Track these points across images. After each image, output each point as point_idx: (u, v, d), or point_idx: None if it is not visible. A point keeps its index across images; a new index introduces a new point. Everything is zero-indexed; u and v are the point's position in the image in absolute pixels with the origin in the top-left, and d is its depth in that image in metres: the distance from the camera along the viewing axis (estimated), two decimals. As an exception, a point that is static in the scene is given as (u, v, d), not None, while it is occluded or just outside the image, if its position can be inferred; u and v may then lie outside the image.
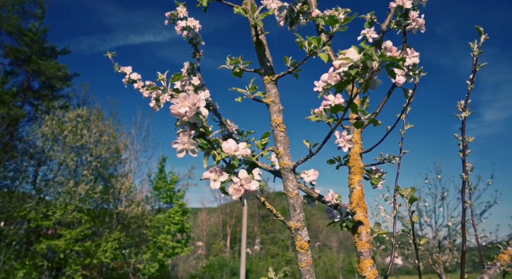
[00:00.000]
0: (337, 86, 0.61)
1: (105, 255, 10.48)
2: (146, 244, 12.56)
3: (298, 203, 0.72)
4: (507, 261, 0.89)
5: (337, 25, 0.65)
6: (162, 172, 14.04)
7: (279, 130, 0.73)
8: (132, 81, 1.94)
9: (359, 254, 0.84)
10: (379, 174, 0.96)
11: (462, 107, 0.82)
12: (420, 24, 0.93)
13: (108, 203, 11.94)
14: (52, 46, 15.23)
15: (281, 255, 24.68)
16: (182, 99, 0.60)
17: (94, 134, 11.61)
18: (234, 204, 26.79)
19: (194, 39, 1.60)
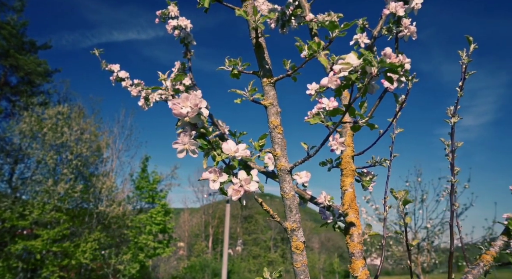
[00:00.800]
0: (336, 90, 0.62)
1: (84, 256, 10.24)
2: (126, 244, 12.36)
3: (295, 204, 0.73)
4: (489, 261, 0.93)
5: (337, 30, 0.66)
6: (144, 171, 13.84)
7: (276, 132, 0.74)
8: (120, 79, 1.91)
9: (351, 255, 0.86)
10: (370, 176, 0.98)
11: (451, 112, 0.85)
12: (412, 31, 0.95)
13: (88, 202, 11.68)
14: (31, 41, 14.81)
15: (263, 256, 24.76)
16: (184, 100, 0.60)
17: (75, 132, 11.34)
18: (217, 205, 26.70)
19: (186, 39, 1.59)
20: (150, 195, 13.62)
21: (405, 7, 0.95)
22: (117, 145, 13.95)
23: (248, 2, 0.75)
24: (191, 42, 1.60)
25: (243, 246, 27.24)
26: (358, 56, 0.60)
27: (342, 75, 0.60)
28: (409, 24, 0.95)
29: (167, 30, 1.63)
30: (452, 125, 0.85)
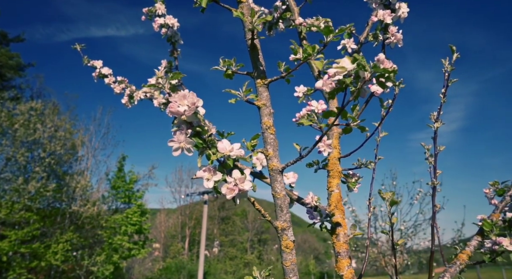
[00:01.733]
0: (330, 93, 0.64)
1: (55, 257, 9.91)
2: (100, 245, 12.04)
3: (285, 204, 0.74)
4: (465, 260, 0.98)
5: (331, 35, 0.68)
6: (121, 171, 13.53)
7: (269, 132, 0.75)
8: (103, 75, 1.88)
9: (337, 254, 0.88)
10: (355, 178, 1.01)
11: (435, 118, 0.89)
12: (398, 38, 0.99)
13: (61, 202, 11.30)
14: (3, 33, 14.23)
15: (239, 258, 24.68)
16: (181, 98, 0.60)
17: (48, 129, 10.96)
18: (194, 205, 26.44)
19: (173, 38, 1.58)
20: (126, 195, 13.33)
21: (392, 15, 0.99)
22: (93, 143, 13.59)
23: (244, 3, 0.76)
24: (178, 41, 1.59)
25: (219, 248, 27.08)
26: (352, 60, 0.62)
27: (337, 78, 0.61)
28: (395, 32, 0.99)
29: (153, 28, 1.61)
30: (435, 129, 0.89)
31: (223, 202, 27.21)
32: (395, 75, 0.58)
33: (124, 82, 1.83)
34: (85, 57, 1.93)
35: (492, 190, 1.12)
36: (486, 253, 0.94)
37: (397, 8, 0.99)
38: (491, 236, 0.96)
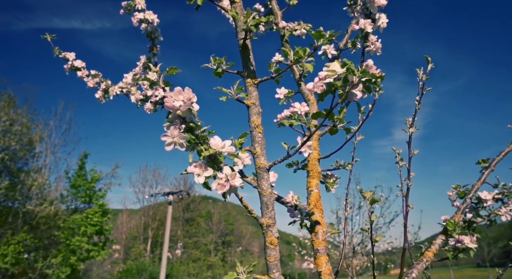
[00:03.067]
0: (320, 95, 0.67)
1: (4, 260, 9.30)
2: (57, 247, 11.45)
3: (271, 201, 0.76)
4: (431, 257, 1.05)
5: (322, 39, 0.71)
6: (82, 169, 12.95)
7: (257, 131, 0.77)
8: (75, 68, 1.81)
9: (316, 251, 0.91)
10: (333, 179, 1.05)
11: (409, 123, 0.95)
12: (378, 47, 1.05)
13: (14, 200, 10.63)
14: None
15: (203, 260, 24.40)
16: (177, 93, 0.61)
17: (3, 123, 10.30)
18: (158, 206, 25.84)
19: (153, 33, 1.56)
20: (87, 194, 12.77)
21: (372, 24, 1.04)
22: (52, 139, 12.93)
23: (237, 4, 0.77)
24: (158, 37, 1.57)
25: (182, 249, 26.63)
26: (342, 65, 0.65)
27: (328, 81, 0.64)
28: (375, 41, 1.04)
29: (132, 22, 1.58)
30: (410, 134, 0.95)
31: (188, 203, 26.83)
32: (382, 80, 0.62)
33: (98, 76, 1.77)
34: (56, 48, 1.86)
35: (454, 193, 1.21)
36: (450, 251, 1.01)
37: (377, 18, 1.05)
38: (454, 235, 1.03)
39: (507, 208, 1.18)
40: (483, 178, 1.18)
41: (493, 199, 1.12)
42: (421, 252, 1.12)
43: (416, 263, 1.03)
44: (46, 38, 1.89)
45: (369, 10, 1.08)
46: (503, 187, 1.21)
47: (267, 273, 0.76)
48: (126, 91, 1.59)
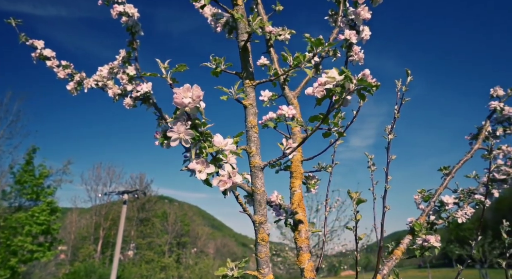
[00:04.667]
0: (318, 100, 0.71)
1: None
2: (-5, 247, 10.60)
3: (264, 199, 0.79)
4: (400, 256, 1.13)
5: (321, 47, 0.76)
6: (29, 164, 12.09)
7: (253, 131, 0.79)
8: (44, 57, 1.72)
9: (299, 249, 0.95)
10: (315, 180, 1.10)
11: (388, 130, 1.02)
12: (360, 57, 1.11)
13: None
14: None
15: (156, 261, 23.74)
16: (186, 90, 0.62)
17: None
18: (111, 205, 24.79)
19: (133, 28, 1.52)
20: (34, 191, 11.94)
21: (357, 36, 1.11)
22: (-4, 131, 11.95)
23: (240, 6, 0.79)
24: (138, 31, 1.53)
25: (135, 251, 25.75)
26: (340, 72, 0.70)
27: (328, 87, 0.68)
28: (358, 51, 1.11)
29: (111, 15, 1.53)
30: (389, 141, 1.02)
31: (143, 203, 26.02)
32: (377, 89, 0.67)
33: (69, 67, 1.69)
34: (22, 35, 1.75)
35: (420, 196, 1.31)
36: (417, 249, 1.10)
37: (361, 30, 1.12)
38: (420, 235, 1.12)
39: (463, 211, 1.30)
40: (445, 184, 1.29)
41: (453, 203, 1.24)
42: (389, 251, 1.20)
43: (387, 261, 1.11)
44: (10, 22, 1.77)
45: (354, 22, 1.14)
46: (461, 192, 1.34)
47: (257, 269, 0.79)
48: (102, 84, 1.53)
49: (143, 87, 1.29)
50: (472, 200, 1.33)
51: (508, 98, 1.47)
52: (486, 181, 1.42)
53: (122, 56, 1.48)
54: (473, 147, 1.39)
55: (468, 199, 1.34)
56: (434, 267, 40.22)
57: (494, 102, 1.45)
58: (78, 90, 1.63)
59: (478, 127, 1.46)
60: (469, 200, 1.34)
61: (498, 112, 1.45)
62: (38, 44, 1.72)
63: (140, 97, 1.32)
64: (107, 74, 1.58)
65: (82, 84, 1.60)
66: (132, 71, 1.46)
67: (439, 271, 36.39)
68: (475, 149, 1.37)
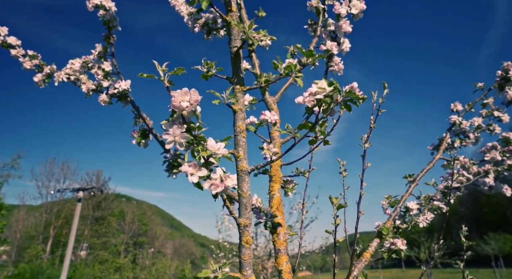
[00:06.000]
0: (308, 108, 0.74)
1: None
2: None
3: (249, 203, 0.80)
4: (368, 258, 1.19)
5: (311, 58, 0.79)
6: (-27, 156, 11.20)
7: (242, 136, 0.81)
8: (8, 45, 1.62)
9: (277, 251, 0.97)
10: (292, 184, 1.13)
11: (364, 139, 1.08)
12: (340, 68, 1.16)
13: None
14: None
15: (111, 262, 22.84)
16: (183, 94, 0.62)
17: None
18: (64, 203, 23.53)
19: (111, 22, 1.48)
20: (-22, 186, 11.08)
21: (338, 47, 1.16)
22: None
23: (234, 13, 0.80)
24: (115, 26, 1.49)
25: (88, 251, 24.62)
26: (329, 84, 0.73)
27: (318, 97, 0.72)
28: (339, 62, 1.16)
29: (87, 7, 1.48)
30: (365, 149, 1.08)
31: (99, 201, 24.95)
32: (364, 102, 0.72)
33: (37, 58, 1.61)
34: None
35: (387, 202, 1.39)
36: (384, 252, 1.17)
37: (342, 42, 1.17)
38: (388, 239, 1.19)
39: (424, 216, 1.39)
40: (409, 191, 1.38)
41: (417, 209, 1.32)
42: (357, 254, 1.26)
43: (357, 263, 1.17)
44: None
45: (335, 34, 1.19)
46: (424, 199, 1.44)
47: (240, 271, 0.80)
48: (75, 78, 1.47)
49: (122, 84, 1.25)
50: (431, 206, 1.43)
51: (466, 113, 1.61)
52: (443, 188, 1.54)
53: (98, 51, 1.43)
54: (435, 157, 1.50)
55: (428, 205, 1.44)
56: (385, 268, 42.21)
57: (454, 116, 1.57)
58: (46, 82, 1.55)
59: (439, 138, 1.58)
60: (428, 206, 1.44)
61: (457, 126, 1.57)
62: (2, 31, 1.62)
63: (117, 94, 1.29)
64: (79, 68, 1.52)
65: (52, 77, 1.53)
66: (108, 67, 1.42)
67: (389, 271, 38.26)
68: (437, 159, 1.48)
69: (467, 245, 1.10)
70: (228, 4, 0.80)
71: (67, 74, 1.49)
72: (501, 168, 1.59)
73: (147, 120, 1.24)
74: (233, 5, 0.80)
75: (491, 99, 1.63)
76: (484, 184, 1.58)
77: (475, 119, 1.65)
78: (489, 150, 1.56)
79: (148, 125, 1.24)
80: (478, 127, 1.65)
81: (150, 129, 1.22)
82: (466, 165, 1.58)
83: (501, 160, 1.59)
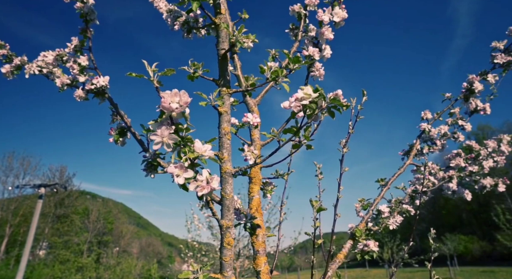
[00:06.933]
0: (293, 113, 0.76)
1: None
2: None
3: (232, 205, 0.81)
4: (342, 259, 1.23)
5: (297, 64, 0.81)
6: None
7: (226, 138, 0.81)
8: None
9: (256, 252, 0.98)
10: (271, 186, 1.15)
11: (343, 144, 1.11)
12: (321, 73, 1.19)
13: None
14: None
15: (72, 261, 21.92)
16: (173, 95, 0.62)
17: None
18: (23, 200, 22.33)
19: (88, 15, 1.43)
20: None
21: (319, 53, 1.19)
22: None
23: (223, 15, 0.81)
24: (93, 20, 1.44)
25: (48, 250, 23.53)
26: (314, 90, 0.76)
27: (304, 102, 0.74)
28: (320, 68, 1.19)
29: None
30: (343, 153, 1.11)
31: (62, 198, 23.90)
32: (347, 109, 0.74)
33: (5, 47, 1.53)
34: None
35: (360, 205, 1.44)
36: (358, 253, 1.21)
37: (323, 49, 1.20)
38: (361, 240, 1.24)
39: (394, 219, 1.45)
40: (381, 194, 1.44)
41: (388, 212, 1.38)
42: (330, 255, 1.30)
43: (331, 264, 1.20)
44: None
45: (317, 40, 1.22)
46: (394, 202, 1.50)
47: (220, 272, 0.81)
48: (47, 71, 1.41)
49: (100, 80, 1.22)
50: (400, 209, 1.50)
51: (435, 121, 1.69)
52: (411, 192, 1.62)
53: (74, 44, 1.38)
54: (405, 162, 1.57)
55: (398, 208, 1.51)
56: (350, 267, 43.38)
57: (424, 124, 1.65)
58: (15, 74, 1.48)
59: (410, 144, 1.66)
60: (398, 209, 1.50)
61: (426, 133, 1.65)
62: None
63: (94, 90, 1.25)
64: (52, 61, 1.46)
65: (22, 69, 1.45)
66: (84, 61, 1.37)
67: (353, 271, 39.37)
68: (407, 164, 1.55)
69: (435, 246, 1.16)
70: (218, 7, 0.81)
71: (39, 66, 1.42)
72: (463, 174, 1.69)
73: (125, 118, 1.21)
74: (223, 7, 0.81)
75: (457, 109, 1.72)
76: (448, 189, 1.67)
77: (441, 127, 1.74)
78: (454, 157, 1.65)
79: (127, 123, 1.21)
80: (444, 135, 1.75)
81: (129, 127, 1.20)
82: (433, 171, 1.67)
83: (463, 167, 1.69)
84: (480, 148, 1.67)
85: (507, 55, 1.71)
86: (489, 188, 1.72)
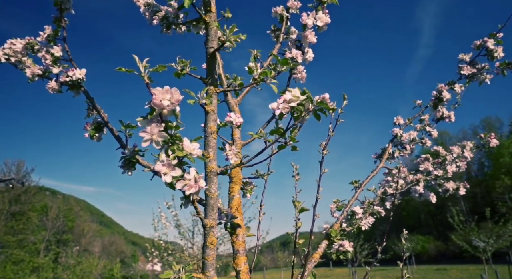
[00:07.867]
0: (280, 115, 0.76)
1: None
2: None
3: (216, 204, 0.80)
4: (317, 259, 1.26)
5: (285, 66, 0.81)
6: None
7: (213, 137, 0.81)
8: None
9: (236, 252, 0.98)
10: (251, 186, 1.15)
11: (323, 146, 1.14)
12: (303, 76, 1.21)
13: None
14: None
15: (27, 261, 20.77)
16: (164, 92, 0.60)
17: None
18: (-25, 195, 20.88)
19: (63, 4, 1.37)
20: None
21: (302, 56, 1.21)
22: None
23: (213, 13, 0.80)
24: (68, 9, 1.38)
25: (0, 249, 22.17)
26: (302, 93, 0.77)
27: (292, 104, 0.75)
28: (302, 70, 1.20)
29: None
30: (323, 155, 1.14)
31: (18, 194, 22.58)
32: (334, 112, 0.76)
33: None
34: None
35: (335, 206, 1.47)
36: (333, 253, 1.24)
37: (306, 52, 1.22)
38: (336, 240, 1.27)
39: (366, 220, 1.50)
40: (355, 196, 1.49)
41: (362, 213, 1.43)
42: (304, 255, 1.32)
43: (307, 263, 1.22)
44: None
45: (300, 43, 1.24)
46: (366, 204, 1.55)
47: (202, 272, 0.80)
48: (16, 60, 1.33)
49: (76, 72, 1.17)
50: (372, 211, 1.55)
51: (406, 126, 1.77)
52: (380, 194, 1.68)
53: (47, 34, 1.31)
54: (378, 165, 1.63)
55: (369, 210, 1.56)
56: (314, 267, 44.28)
57: (396, 129, 1.72)
58: None
59: (382, 148, 1.72)
60: (369, 211, 1.56)
61: (398, 138, 1.72)
62: None
63: (69, 82, 1.19)
64: (21, 50, 1.38)
65: (-13, 56, 1.36)
66: (58, 52, 1.30)
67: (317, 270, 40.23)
68: (380, 167, 1.61)
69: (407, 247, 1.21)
70: (208, 4, 0.80)
71: (6, 54, 1.34)
72: (429, 178, 1.78)
73: (102, 112, 1.16)
74: (213, 5, 0.80)
75: (427, 116, 1.81)
76: (415, 192, 1.75)
77: (411, 133, 1.82)
78: (423, 161, 1.73)
79: (103, 118, 1.17)
80: (413, 140, 1.83)
81: (106, 122, 1.16)
82: (403, 174, 1.74)
83: (430, 171, 1.78)
84: (446, 154, 1.76)
85: (472, 67, 1.81)
86: (452, 192, 1.82)
